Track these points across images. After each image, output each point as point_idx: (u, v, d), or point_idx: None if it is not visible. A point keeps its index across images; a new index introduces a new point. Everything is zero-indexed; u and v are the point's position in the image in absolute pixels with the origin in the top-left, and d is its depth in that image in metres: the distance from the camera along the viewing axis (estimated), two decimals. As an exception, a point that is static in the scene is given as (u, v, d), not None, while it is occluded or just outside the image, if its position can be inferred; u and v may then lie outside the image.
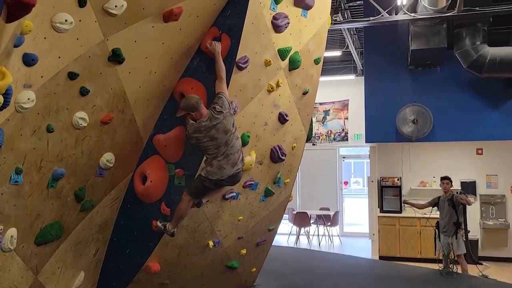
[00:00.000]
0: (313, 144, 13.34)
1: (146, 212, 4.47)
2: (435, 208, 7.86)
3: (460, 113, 9.52)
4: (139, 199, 4.44)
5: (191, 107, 3.94)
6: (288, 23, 4.59)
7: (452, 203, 7.43)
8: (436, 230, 7.73)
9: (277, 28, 4.52)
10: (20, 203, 3.45)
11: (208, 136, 3.92)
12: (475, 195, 10.42)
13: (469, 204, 7.51)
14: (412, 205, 8.13)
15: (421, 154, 10.79)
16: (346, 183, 16.89)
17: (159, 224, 4.27)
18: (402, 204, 10.11)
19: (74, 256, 4.27)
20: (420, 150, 10.67)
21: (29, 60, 3.05)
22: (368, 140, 10.38)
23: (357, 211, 16.78)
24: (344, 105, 13.68)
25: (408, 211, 10.42)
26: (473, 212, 9.69)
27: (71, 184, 3.88)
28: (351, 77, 13.25)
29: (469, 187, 10.34)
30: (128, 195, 4.50)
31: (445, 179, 7.64)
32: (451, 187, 7.68)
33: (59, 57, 3.32)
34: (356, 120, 12.64)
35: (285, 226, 12.84)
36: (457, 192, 7.72)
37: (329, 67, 12.98)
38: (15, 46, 2.72)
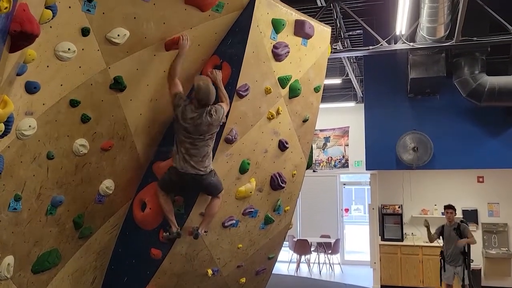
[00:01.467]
0: (314, 171, 13.32)
1: (144, 240, 4.43)
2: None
3: (461, 141, 9.53)
4: (138, 226, 4.42)
5: (207, 98, 3.95)
6: (288, 52, 4.65)
7: (459, 233, 7.30)
8: (441, 260, 7.60)
9: (278, 57, 4.57)
10: (18, 230, 3.43)
11: (189, 123, 3.92)
12: (477, 223, 10.32)
13: (472, 243, 7.39)
14: (429, 231, 7.86)
15: (422, 182, 10.75)
16: (347, 210, 16.77)
17: (165, 234, 4.22)
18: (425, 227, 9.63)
19: (72, 284, 4.21)
20: (420, 177, 10.64)
21: (31, 88, 3.09)
22: (368, 167, 10.36)
23: (358, 239, 16.61)
24: (345, 132, 13.72)
25: (409, 239, 10.32)
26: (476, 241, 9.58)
27: (70, 211, 3.86)
28: (351, 104, 13.32)
29: (470, 216, 10.25)
30: (127, 222, 4.47)
31: (449, 208, 7.54)
32: (455, 215, 7.60)
33: (61, 85, 3.36)
34: (356, 147, 12.65)
35: (285, 254, 12.69)
36: (460, 221, 7.61)
37: (329, 94, 13.08)
38: (18, 74, 2.75)
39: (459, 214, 9.79)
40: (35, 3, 2.29)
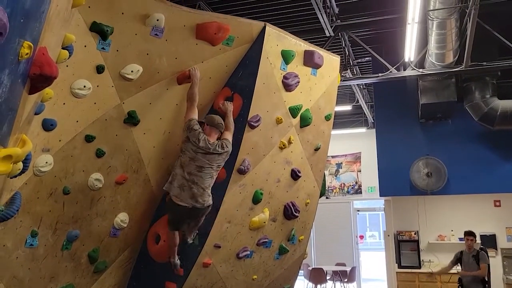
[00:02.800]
0: (327, 198, 13.22)
1: (159, 273, 4.42)
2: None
3: (475, 165, 9.42)
4: (152, 259, 4.41)
5: (216, 124, 3.98)
6: (299, 82, 4.71)
7: (478, 260, 7.14)
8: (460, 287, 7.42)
9: (288, 87, 4.64)
10: (34, 266, 3.45)
11: (195, 149, 3.82)
12: (496, 249, 10.10)
13: (481, 276, 7.22)
14: (441, 273, 7.76)
15: (437, 207, 10.60)
16: (362, 237, 16.54)
17: (172, 260, 4.14)
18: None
19: (86, 319, 4.20)
20: (436, 203, 10.50)
21: (48, 125, 3.16)
22: (382, 194, 10.27)
23: (375, 266, 16.31)
24: (357, 158, 13.67)
25: (427, 267, 10.11)
26: (495, 267, 9.37)
27: (85, 245, 3.88)
28: (363, 130, 13.32)
29: (489, 241, 10.04)
30: (141, 255, 4.47)
31: (470, 235, 7.36)
32: (475, 242, 7.45)
33: (77, 121, 3.44)
34: (369, 173, 12.57)
35: (301, 283, 12.48)
36: (480, 249, 7.46)
37: (340, 121, 13.10)
38: (36, 113, 2.83)
39: (477, 239, 9.62)
40: (53, 45, 2.36)
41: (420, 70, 7.71)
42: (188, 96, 3.95)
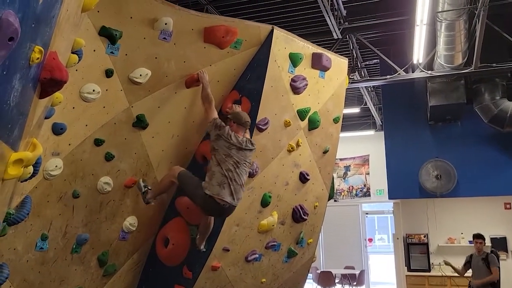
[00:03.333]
0: (335, 200, 13.18)
1: (168, 276, 4.42)
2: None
3: (485, 168, 9.34)
4: (161, 262, 4.42)
5: (244, 122, 3.95)
6: (307, 85, 4.71)
7: (487, 263, 7.08)
8: None
9: (296, 90, 4.63)
10: (44, 269, 3.47)
11: (228, 145, 3.77)
12: (507, 251, 10.00)
13: (492, 280, 7.14)
14: (453, 268, 7.69)
15: (447, 210, 10.53)
16: (370, 240, 16.47)
17: (141, 183, 3.94)
18: (440, 263, 9.53)
19: (96, 323, 4.21)
20: (445, 205, 10.43)
21: (58, 129, 3.18)
22: (391, 196, 10.22)
23: (384, 269, 16.22)
24: (365, 161, 13.62)
25: (436, 270, 10.04)
26: (506, 270, 9.27)
27: (95, 248, 3.90)
28: (371, 132, 13.27)
29: (499, 244, 9.94)
30: (150, 258, 4.47)
31: (479, 238, 7.31)
32: (484, 245, 7.39)
33: (86, 125, 3.46)
34: (377, 175, 12.52)
35: (309, 286, 12.44)
36: (490, 251, 7.40)
37: (348, 123, 13.06)
38: (46, 117, 2.84)
39: (487, 242, 9.53)
40: (63, 50, 2.38)
41: (429, 72, 7.67)
42: (204, 99, 3.97)
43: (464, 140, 9.53)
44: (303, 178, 5.03)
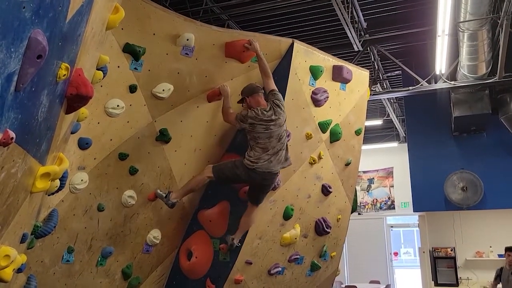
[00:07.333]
0: (359, 214, 13.04)
1: (191, 289, 4.44)
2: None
3: (512, 179, 9.13)
4: (185, 275, 4.44)
5: (251, 89, 3.95)
6: (328, 97, 4.71)
7: None
8: None
9: (317, 102, 4.64)
10: (70, 282, 3.53)
11: (265, 126, 3.80)
12: (538, 265, 9.69)
13: None
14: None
15: (474, 222, 10.29)
16: (396, 254, 16.16)
17: (159, 191, 3.94)
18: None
19: (120, 336, 4.24)
20: (472, 218, 10.19)
21: (83, 144, 3.27)
22: (416, 209, 10.05)
23: (410, 284, 15.87)
24: (389, 173, 13.46)
25: (464, 284, 9.79)
26: (538, 285, 8.98)
27: (119, 261, 3.95)
28: (394, 144, 13.14)
29: (530, 257, 9.65)
30: (174, 271, 4.50)
31: (511, 251, 7.14)
32: None
33: (111, 140, 3.53)
34: (402, 188, 12.35)
35: (334, 301, 12.26)
36: None
37: (371, 135, 12.97)
38: (72, 132, 2.93)
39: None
40: (88, 67, 2.46)
41: (452, 82, 7.58)
42: (223, 110, 4.01)
43: (490, 151, 9.33)
44: (326, 190, 5.00)
